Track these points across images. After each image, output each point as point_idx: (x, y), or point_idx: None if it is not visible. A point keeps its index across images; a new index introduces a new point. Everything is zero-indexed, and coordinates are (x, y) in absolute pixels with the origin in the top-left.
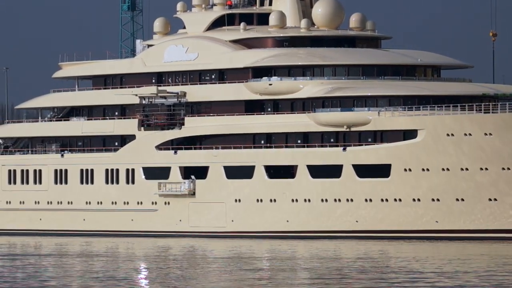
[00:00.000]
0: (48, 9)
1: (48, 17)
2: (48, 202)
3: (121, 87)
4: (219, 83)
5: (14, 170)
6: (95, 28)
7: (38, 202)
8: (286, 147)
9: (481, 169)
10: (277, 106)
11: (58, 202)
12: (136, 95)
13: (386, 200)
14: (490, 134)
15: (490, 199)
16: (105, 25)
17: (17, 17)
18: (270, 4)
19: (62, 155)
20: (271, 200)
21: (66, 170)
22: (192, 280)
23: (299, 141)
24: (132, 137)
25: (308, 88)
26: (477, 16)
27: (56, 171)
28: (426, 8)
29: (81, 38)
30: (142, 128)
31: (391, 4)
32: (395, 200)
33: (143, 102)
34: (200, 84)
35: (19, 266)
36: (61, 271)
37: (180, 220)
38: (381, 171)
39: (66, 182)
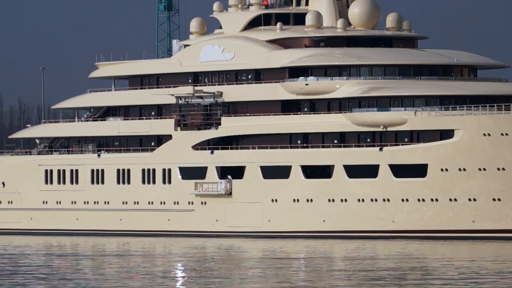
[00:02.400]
0: (85, 9)
1: (84, 17)
2: (84, 202)
3: (157, 87)
4: (255, 83)
5: (51, 170)
6: (131, 28)
7: (75, 202)
8: (323, 147)
9: None
10: (314, 106)
11: (94, 202)
12: (173, 95)
13: (423, 200)
14: None
15: None
16: (141, 25)
17: (53, 17)
18: (307, 4)
19: (99, 155)
20: (307, 200)
21: (102, 170)
22: (228, 280)
23: (335, 141)
24: (168, 137)
25: (344, 88)
26: None
27: (92, 171)
28: (462, 8)
29: (117, 38)
30: (179, 128)
31: (428, 3)
32: (432, 200)
33: (180, 102)
34: (236, 84)
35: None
36: (99, 271)
37: (217, 220)
38: (418, 171)
39: (102, 182)
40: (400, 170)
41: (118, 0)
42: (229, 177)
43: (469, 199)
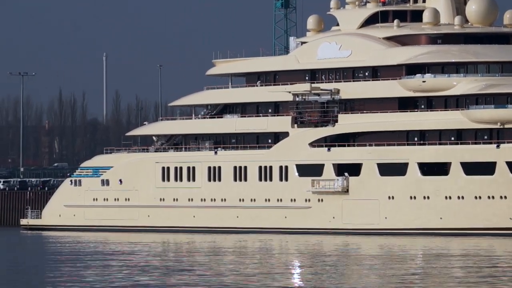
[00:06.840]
0: (202, 7)
1: (201, 14)
2: (201, 199)
3: (274, 84)
4: (372, 80)
5: (168, 168)
6: (248, 25)
7: (192, 199)
8: (440, 144)
9: None
10: (431, 103)
11: (211, 199)
12: (290, 92)
13: None
14: None
15: None
16: (258, 23)
17: (170, 15)
18: (424, 1)
19: (216, 152)
20: (424, 197)
21: (219, 167)
22: (345, 277)
23: (452, 138)
24: (285, 134)
25: (461, 85)
26: None
27: (209, 168)
28: None
29: (234, 35)
30: (296, 125)
31: None
32: None
33: (297, 99)
34: (353, 81)
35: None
36: (216, 267)
37: (334, 217)
38: None
39: (219, 179)
40: None
41: None
42: (346, 174)
43: None
